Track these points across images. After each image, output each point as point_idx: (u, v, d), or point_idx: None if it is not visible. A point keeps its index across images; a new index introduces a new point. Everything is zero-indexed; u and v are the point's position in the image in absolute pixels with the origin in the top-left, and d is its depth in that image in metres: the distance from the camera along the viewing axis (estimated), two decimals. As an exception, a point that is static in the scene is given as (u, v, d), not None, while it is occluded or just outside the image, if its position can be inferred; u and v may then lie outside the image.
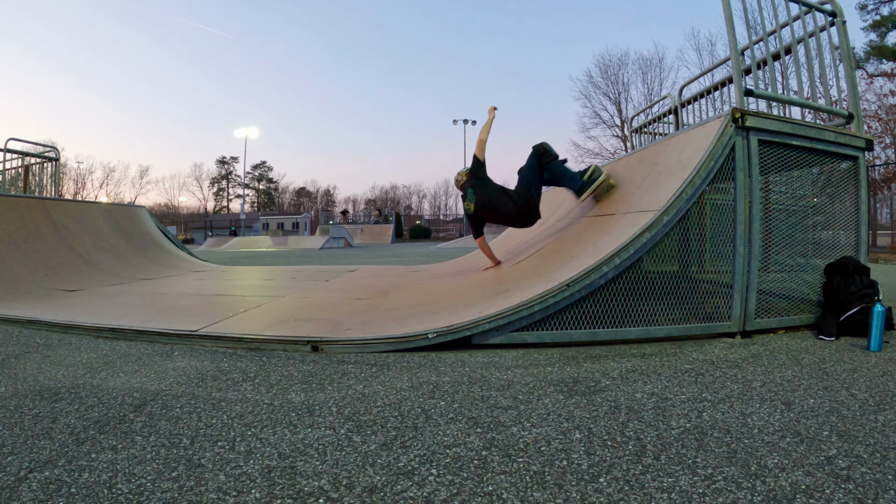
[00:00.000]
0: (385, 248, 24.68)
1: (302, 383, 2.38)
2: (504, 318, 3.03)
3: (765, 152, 3.33)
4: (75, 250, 6.74)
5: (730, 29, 3.39)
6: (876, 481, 1.41)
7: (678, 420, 1.89)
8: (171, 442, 1.72)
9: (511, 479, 1.46)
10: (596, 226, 4.30)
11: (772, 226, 3.42)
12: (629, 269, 3.15)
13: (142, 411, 2.01)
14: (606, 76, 35.91)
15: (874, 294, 3.23)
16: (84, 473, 1.48)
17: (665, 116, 7.30)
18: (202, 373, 2.54)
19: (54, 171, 9.18)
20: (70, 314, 3.85)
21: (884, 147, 19.21)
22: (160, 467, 1.53)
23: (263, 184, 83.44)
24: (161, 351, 2.99)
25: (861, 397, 2.12)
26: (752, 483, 1.41)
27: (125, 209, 9.00)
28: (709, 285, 3.29)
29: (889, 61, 22.15)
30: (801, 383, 2.32)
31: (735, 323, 3.25)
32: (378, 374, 2.52)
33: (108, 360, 2.80)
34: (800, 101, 3.74)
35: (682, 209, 3.18)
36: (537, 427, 1.84)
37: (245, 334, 3.17)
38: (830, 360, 2.72)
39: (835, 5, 3.78)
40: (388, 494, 1.38)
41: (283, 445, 1.70)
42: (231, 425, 1.87)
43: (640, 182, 4.08)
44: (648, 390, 2.24)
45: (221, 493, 1.39)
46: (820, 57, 3.76)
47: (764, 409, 2.00)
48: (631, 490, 1.39)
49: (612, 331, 3.13)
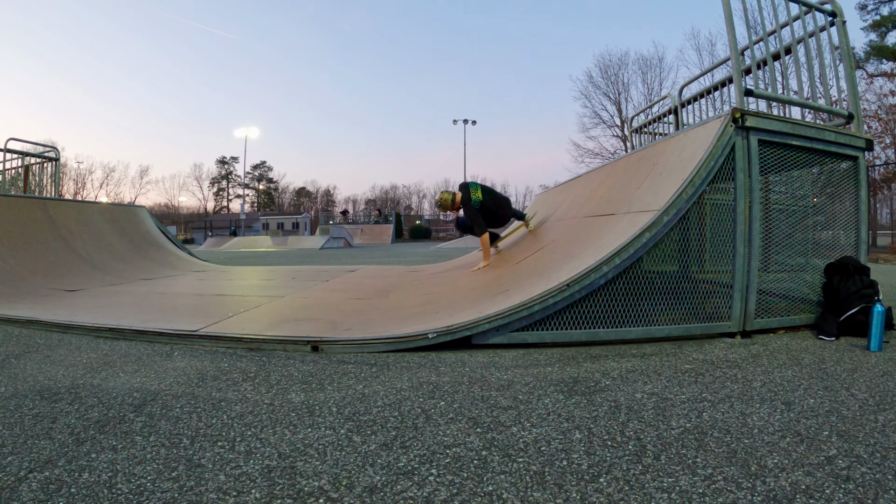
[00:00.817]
0: (385, 248, 24.68)
1: (302, 383, 2.38)
2: (504, 318, 3.03)
3: (765, 152, 3.33)
4: (75, 250, 6.74)
5: (730, 29, 3.39)
6: (876, 481, 1.41)
7: (678, 420, 1.89)
8: (171, 442, 1.72)
9: (511, 479, 1.46)
10: (596, 226, 4.30)
11: (772, 226, 3.42)
12: (629, 269, 3.15)
13: (142, 411, 2.01)
14: (606, 76, 35.87)
15: (874, 294, 3.23)
16: (84, 473, 1.48)
17: (665, 116, 7.29)
18: (202, 373, 2.54)
19: (54, 171, 9.18)
20: (70, 314, 3.85)
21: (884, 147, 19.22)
22: (160, 467, 1.53)
23: (263, 184, 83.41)
24: (161, 351, 2.99)
25: (861, 397, 2.12)
26: (752, 483, 1.41)
27: (125, 209, 9.01)
28: (709, 285, 3.29)
29: (889, 61, 22.14)
30: (801, 383, 2.32)
31: (735, 323, 3.25)
32: (378, 374, 2.52)
33: (108, 360, 2.80)
34: (800, 101, 3.74)
35: (682, 209, 3.18)
36: (537, 427, 1.84)
37: (245, 334, 3.17)
38: (830, 360, 2.72)
39: (835, 5, 3.79)
40: (388, 494, 1.38)
41: (283, 445, 1.70)
42: (231, 425, 1.87)
43: (640, 182, 4.07)
44: (648, 390, 2.24)
45: (221, 493, 1.39)
46: (820, 57, 3.76)
47: (764, 409, 2.00)
48: (631, 490, 1.39)
49: (612, 331, 3.13)
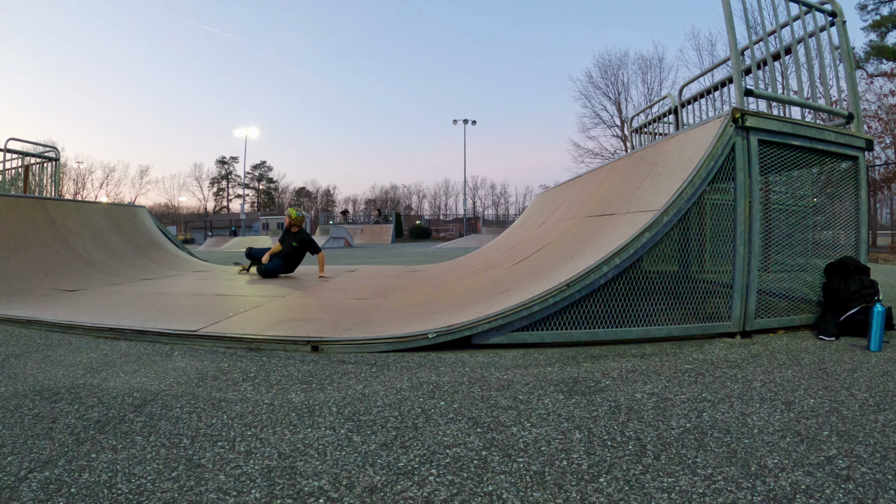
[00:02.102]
0: (385, 248, 24.66)
1: (302, 383, 2.38)
2: (504, 318, 3.03)
3: (765, 152, 3.33)
4: (75, 250, 6.74)
5: (730, 29, 3.39)
6: (876, 481, 1.41)
7: (678, 420, 1.89)
8: (171, 442, 1.72)
9: (511, 479, 1.46)
10: (596, 226, 4.30)
11: (772, 226, 3.42)
12: (629, 269, 3.15)
13: (142, 411, 2.01)
14: (606, 76, 35.77)
15: (874, 294, 3.24)
16: (84, 473, 1.48)
17: (665, 116, 7.29)
18: (202, 373, 2.54)
19: (54, 171, 9.19)
20: (70, 314, 3.85)
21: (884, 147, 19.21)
22: (160, 467, 1.53)
23: (263, 184, 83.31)
24: (161, 351, 2.99)
25: (861, 397, 2.12)
26: (752, 483, 1.41)
27: (125, 209, 9.00)
28: (709, 285, 3.29)
29: (889, 61, 22.14)
30: (801, 383, 2.32)
31: (735, 323, 3.25)
32: (378, 374, 2.52)
33: (109, 360, 2.80)
34: (800, 101, 3.74)
35: (682, 209, 3.18)
36: (537, 427, 1.84)
37: (245, 334, 3.17)
38: (830, 360, 2.72)
39: (835, 5, 3.79)
40: (389, 494, 1.38)
41: (283, 445, 1.70)
42: (231, 425, 1.87)
43: (640, 182, 4.07)
44: (648, 390, 2.24)
45: (221, 493, 1.39)
46: (820, 57, 3.76)
47: (764, 409, 2.00)
48: (631, 490, 1.39)
49: (612, 331, 3.13)
